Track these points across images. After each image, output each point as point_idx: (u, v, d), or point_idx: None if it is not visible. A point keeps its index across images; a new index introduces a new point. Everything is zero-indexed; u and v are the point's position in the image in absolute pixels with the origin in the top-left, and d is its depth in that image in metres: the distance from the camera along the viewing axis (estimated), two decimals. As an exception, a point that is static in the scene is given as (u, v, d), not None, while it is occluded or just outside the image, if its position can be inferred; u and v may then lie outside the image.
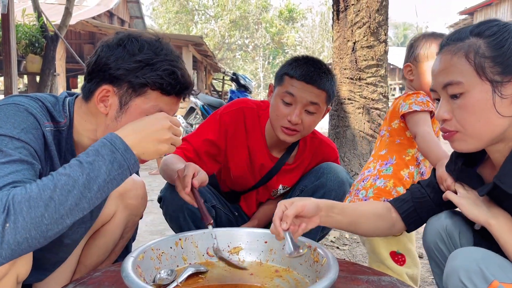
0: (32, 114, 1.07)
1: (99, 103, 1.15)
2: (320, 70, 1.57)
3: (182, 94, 1.20)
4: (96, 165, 0.95)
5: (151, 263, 1.16)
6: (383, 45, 4.09)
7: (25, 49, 7.52)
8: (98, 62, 1.15)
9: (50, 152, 1.12)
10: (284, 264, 1.28)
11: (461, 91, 1.00)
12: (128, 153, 1.00)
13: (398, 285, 1.17)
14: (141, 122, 1.08)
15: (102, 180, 0.96)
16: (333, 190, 1.67)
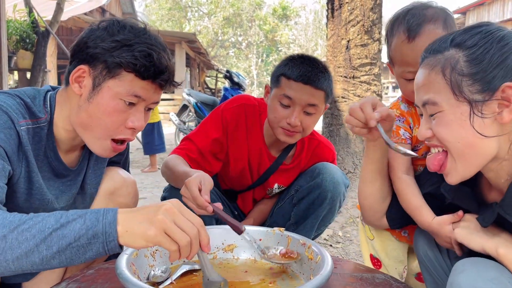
0: (6, 113, 1.03)
1: (74, 83, 1.11)
2: (317, 69, 1.55)
3: (159, 79, 1.11)
4: (71, 225, 0.83)
5: (145, 261, 1.15)
6: (377, 43, 4.11)
7: (15, 44, 7.44)
8: (79, 43, 1.12)
9: (25, 152, 1.08)
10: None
11: (438, 110, 0.93)
12: (111, 228, 0.83)
13: (391, 282, 1.18)
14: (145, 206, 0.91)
15: (66, 244, 0.82)
16: (329, 191, 1.67)
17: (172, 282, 1.10)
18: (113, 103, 1.09)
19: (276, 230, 1.32)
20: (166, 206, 0.86)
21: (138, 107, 1.13)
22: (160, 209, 0.85)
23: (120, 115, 1.11)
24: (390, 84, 26.83)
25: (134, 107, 1.12)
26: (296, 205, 1.76)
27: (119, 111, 1.10)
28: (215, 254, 1.32)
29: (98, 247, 0.84)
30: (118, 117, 1.11)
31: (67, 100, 1.15)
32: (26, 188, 1.12)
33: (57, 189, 1.24)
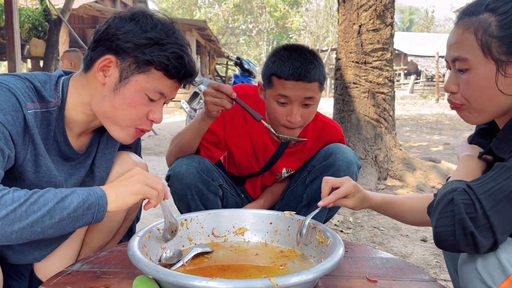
0: (14, 95, 1.04)
1: (99, 71, 1.12)
2: (306, 61, 1.51)
3: (185, 81, 1.19)
4: (69, 199, 0.96)
5: (157, 243, 1.16)
6: (389, 28, 4.04)
7: (28, 33, 7.49)
8: (107, 31, 1.12)
9: (32, 135, 1.09)
10: (289, 245, 1.29)
11: (467, 67, 1.03)
12: (102, 200, 1.00)
13: (403, 265, 1.18)
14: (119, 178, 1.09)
15: (67, 214, 0.96)
16: (342, 171, 1.66)
17: (183, 264, 1.11)
18: (138, 96, 1.14)
19: (287, 213, 1.33)
20: (136, 169, 1.08)
21: (159, 102, 1.19)
22: (133, 171, 1.07)
23: (144, 108, 1.16)
24: (402, 71, 26.51)
25: (156, 102, 1.18)
26: (309, 186, 1.76)
27: (143, 105, 1.16)
28: (226, 237, 1.33)
29: (88, 217, 0.99)
30: (142, 109, 1.16)
31: (87, 85, 1.17)
32: (34, 172, 1.14)
33: (66, 172, 1.25)
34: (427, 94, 22.47)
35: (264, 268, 1.16)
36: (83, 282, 1.01)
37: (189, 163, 1.63)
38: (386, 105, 4.12)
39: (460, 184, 0.95)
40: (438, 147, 6.59)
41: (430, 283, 1.06)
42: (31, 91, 1.10)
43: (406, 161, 4.15)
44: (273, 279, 0.84)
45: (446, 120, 11.37)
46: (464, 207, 0.89)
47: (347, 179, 1.30)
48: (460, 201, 0.90)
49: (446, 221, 0.91)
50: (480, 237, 0.88)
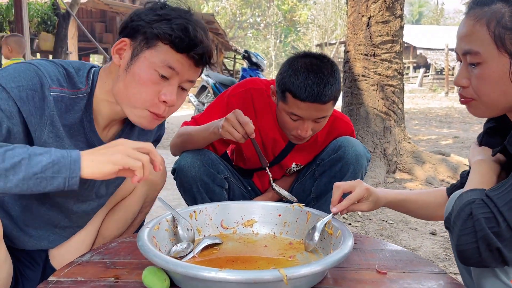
0: (39, 76, 1.06)
1: (115, 54, 1.15)
2: (322, 83, 1.48)
3: (192, 52, 1.13)
4: (39, 158, 0.92)
5: (166, 234, 1.17)
6: (399, 20, 4.00)
7: (37, 27, 7.54)
8: (125, 20, 1.17)
9: (51, 117, 1.10)
10: (298, 237, 1.29)
11: (479, 61, 0.98)
12: (75, 165, 0.93)
13: (412, 257, 1.17)
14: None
15: (33, 173, 0.91)
16: (351, 164, 1.65)
17: (194, 255, 1.11)
18: (147, 72, 1.11)
19: (296, 206, 1.33)
20: (121, 140, 1.01)
21: (172, 82, 1.14)
22: (117, 141, 1.01)
23: (154, 87, 1.13)
24: (411, 64, 26.27)
25: (168, 81, 1.14)
26: (318, 179, 1.75)
27: (153, 82, 1.12)
28: (234, 229, 1.33)
29: (60, 182, 0.93)
30: (151, 88, 1.12)
31: (110, 74, 1.19)
32: None
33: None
34: (436, 87, 22.25)
35: (273, 259, 1.16)
36: (93, 273, 1.02)
37: (194, 156, 1.63)
38: (395, 97, 4.09)
39: (477, 195, 0.91)
40: (447, 140, 6.53)
41: (440, 275, 1.06)
42: (61, 76, 1.13)
43: (415, 154, 4.12)
44: (282, 270, 0.84)
45: (456, 114, 11.26)
46: (485, 222, 0.85)
47: (358, 182, 1.26)
48: (481, 215, 0.86)
49: (468, 239, 0.87)
50: (507, 251, 0.85)
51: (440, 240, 2.51)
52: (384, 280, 1.02)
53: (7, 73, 1.04)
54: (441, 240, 2.52)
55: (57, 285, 0.95)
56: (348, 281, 1.02)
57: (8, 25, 8.10)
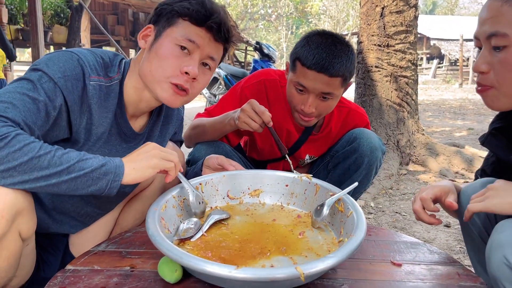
0: (81, 66, 1.12)
1: (141, 39, 1.24)
2: (333, 54, 1.45)
3: (210, 22, 1.18)
4: (90, 161, 1.00)
5: (173, 211, 1.16)
6: (413, 10, 3.94)
7: (50, 19, 7.60)
8: (151, 13, 1.25)
9: (89, 105, 1.15)
10: (306, 209, 1.26)
11: (506, 43, 0.93)
12: (120, 170, 1.03)
13: (427, 249, 1.16)
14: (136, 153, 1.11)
15: (84, 173, 0.98)
16: (366, 156, 1.63)
17: (203, 234, 1.10)
18: (169, 47, 1.17)
19: (304, 176, 1.30)
20: (151, 145, 1.11)
21: (193, 56, 1.19)
22: (149, 147, 1.10)
23: (176, 60, 1.18)
24: (424, 55, 25.90)
25: (189, 55, 1.19)
26: (331, 171, 1.74)
27: (174, 56, 1.17)
28: (241, 199, 1.31)
29: (103, 184, 1.00)
30: (173, 60, 1.17)
31: (137, 62, 1.25)
32: (85, 139, 1.19)
33: (114, 149, 1.29)
34: (450, 78, 21.94)
35: (283, 239, 1.11)
36: (109, 262, 1.03)
37: (208, 148, 1.63)
38: (409, 89, 4.04)
39: None
40: (461, 132, 6.45)
41: (455, 267, 1.05)
42: (99, 65, 1.18)
43: (429, 146, 4.08)
44: (299, 268, 0.83)
45: (470, 105, 11.10)
46: None
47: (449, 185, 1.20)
48: None
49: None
50: None
51: (454, 233, 2.49)
52: (400, 272, 1.02)
53: (52, 62, 1.08)
54: (455, 232, 2.50)
55: (74, 273, 0.96)
56: (363, 272, 1.01)
57: (22, 18, 8.17)
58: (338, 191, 1.20)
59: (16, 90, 1.00)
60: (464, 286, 0.96)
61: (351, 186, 1.21)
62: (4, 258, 0.98)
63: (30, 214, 1.03)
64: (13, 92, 1.00)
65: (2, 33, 5.37)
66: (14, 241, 0.99)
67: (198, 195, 1.21)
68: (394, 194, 3.31)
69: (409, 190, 3.38)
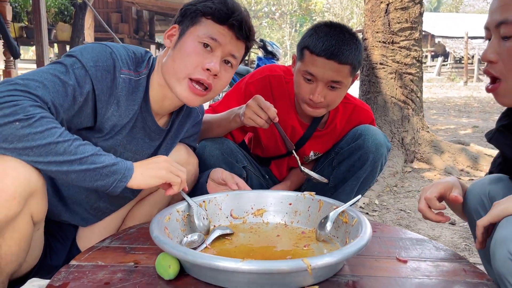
0: (113, 59, 1.17)
1: (166, 39, 1.27)
2: (342, 41, 1.46)
3: (232, 20, 1.22)
4: (103, 157, 1.03)
5: (177, 225, 1.16)
6: (418, 6, 3.91)
7: (54, 17, 7.61)
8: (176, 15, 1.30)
9: (118, 97, 1.20)
10: (310, 226, 1.26)
11: None
12: (129, 172, 1.06)
13: (433, 246, 1.15)
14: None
15: (94, 167, 1.00)
16: (371, 153, 1.62)
17: (207, 246, 1.10)
18: (192, 44, 1.21)
19: (307, 194, 1.30)
20: (162, 157, 1.16)
21: (215, 53, 1.22)
22: (161, 159, 1.14)
23: (198, 57, 1.21)
24: (429, 53, 25.77)
25: (212, 53, 1.22)
26: (336, 168, 1.73)
27: (197, 53, 1.21)
28: (244, 219, 1.31)
29: (109, 181, 1.03)
30: (195, 57, 1.21)
31: (162, 59, 1.28)
32: (109, 129, 1.22)
33: (137, 142, 1.32)
34: (455, 76, 21.83)
35: (288, 251, 1.12)
36: (113, 257, 1.03)
37: (212, 145, 1.63)
38: (414, 86, 4.02)
39: None
40: (466, 130, 6.42)
41: (462, 264, 1.04)
42: (130, 60, 1.23)
43: (433, 143, 4.06)
44: (305, 259, 0.83)
45: (475, 103, 11.05)
46: None
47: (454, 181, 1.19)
48: None
49: None
50: None
51: (460, 230, 2.47)
52: (405, 268, 1.01)
53: (86, 51, 1.13)
54: (460, 230, 2.48)
55: (78, 269, 0.96)
56: (368, 269, 1.00)
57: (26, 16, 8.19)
58: (341, 205, 1.20)
59: (49, 71, 1.04)
60: (471, 282, 0.95)
61: (355, 199, 1.22)
62: (15, 241, 0.99)
63: (43, 197, 1.05)
64: (46, 72, 1.03)
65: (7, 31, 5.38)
66: (26, 223, 1.01)
67: (202, 212, 1.21)
68: (399, 192, 3.29)
69: (413, 188, 3.37)
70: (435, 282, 0.94)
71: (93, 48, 1.15)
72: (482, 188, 1.19)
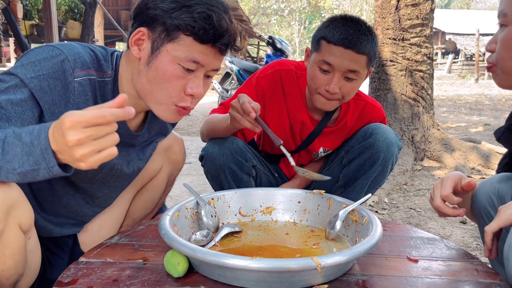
0: (60, 62, 1.01)
1: (133, 45, 1.08)
2: (359, 31, 1.46)
3: (219, 43, 1.05)
4: (13, 150, 0.82)
5: (186, 222, 1.16)
6: (429, 2, 3.87)
7: (65, 15, 7.66)
8: (140, 4, 1.09)
9: (77, 103, 1.04)
10: (319, 224, 1.25)
11: (505, 23, 0.95)
12: (48, 154, 0.80)
13: (444, 245, 1.13)
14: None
15: (12, 168, 0.83)
16: (382, 152, 1.60)
17: (215, 243, 1.10)
18: (171, 68, 1.06)
19: (316, 192, 1.29)
20: (66, 128, 0.77)
21: (197, 74, 1.09)
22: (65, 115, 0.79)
23: (179, 81, 1.07)
24: (439, 50, 25.53)
25: (193, 73, 1.09)
26: (346, 166, 1.71)
27: (178, 77, 1.07)
28: (253, 217, 1.31)
29: (44, 172, 0.83)
30: (177, 82, 1.07)
31: (129, 62, 1.14)
32: None
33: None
34: (466, 74, 21.60)
35: (297, 249, 1.12)
36: (122, 254, 1.02)
37: (222, 143, 1.62)
38: (424, 83, 3.98)
39: None
40: (477, 128, 6.35)
41: (474, 264, 1.02)
42: (88, 58, 1.08)
43: (444, 141, 4.02)
44: (315, 258, 0.82)
45: (486, 101, 10.92)
46: None
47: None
48: None
49: None
50: None
51: (471, 229, 2.45)
52: (416, 268, 1.00)
53: (28, 61, 0.99)
54: (471, 229, 2.45)
55: (87, 265, 0.96)
56: (378, 268, 0.99)
57: (37, 14, 8.26)
58: (351, 203, 1.19)
59: None
60: (484, 283, 0.93)
61: (365, 198, 1.20)
62: (9, 256, 0.94)
63: (25, 204, 0.96)
64: None
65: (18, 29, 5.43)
66: (15, 236, 0.95)
67: (211, 209, 1.20)
68: (409, 190, 3.26)
69: (424, 186, 3.34)
70: (447, 282, 0.93)
71: (36, 55, 1.00)
72: (491, 186, 1.17)
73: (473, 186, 1.13)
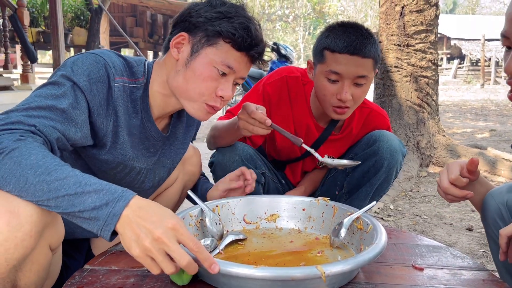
0: (105, 68, 1.11)
1: (173, 48, 1.19)
2: (361, 36, 1.46)
3: (253, 52, 1.19)
4: (83, 197, 0.84)
5: (190, 230, 1.15)
6: (434, 8, 3.87)
7: (71, 22, 7.73)
8: (182, 13, 1.21)
9: (115, 107, 1.15)
10: (324, 232, 1.25)
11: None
12: (112, 220, 0.83)
13: (450, 253, 1.13)
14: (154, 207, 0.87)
15: (70, 210, 0.85)
16: (386, 159, 1.60)
17: (220, 251, 1.10)
18: (207, 69, 1.16)
19: (321, 200, 1.29)
20: (166, 227, 0.83)
21: (228, 78, 1.20)
22: (167, 219, 0.84)
23: (213, 82, 1.18)
24: (444, 55, 25.48)
25: (225, 77, 1.19)
26: (350, 174, 1.71)
27: (212, 78, 1.17)
28: (257, 224, 1.30)
29: (93, 227, 0.85)
30: (210, 83, 1.18)
31: (164, 66, 1.23)
32: (112, 142, 1.18)
33: (139, 152, 1.28)
34: (471, 79, 21.52)
35: (302, 256, 1.11)
36: (127, 262, 1.03)
37: (232, 151, 1.62)
38: (429, 89, 3.97)
39: None
40: (483, 133, 6.31)
41: (480, 272, 1.01)
42: (122, 66, 1.18)
43: (450, 147, 4.00)
44: (320, 266, 0.82)
45: (492, 106, 10.86)
46: None
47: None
48: None
49: None
50: None
51: (477, 236, 2.43)
52: (421, 276, 0.99)
53: (77, 66, 1.08)
54: (478, 236, 2.43)
55: (92, 273, 0.96)
56: (383, 276, 0.99)
57: (43, 20, 8.34)
58: (356, 211, 1.18)
59: (41, 95, 1.00)
60: (490, 292, 0.92)
61: (369, 205, 1.20)
62: (34, 272, 0.97)
63: (58, 224, 1.01)
64: (38, 96, 0.99)
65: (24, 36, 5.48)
66: (44, 254, 0.98)
67: (215, 217, 1.21)
68: (414, 197, 3.25)
69: (429, 193, 3.32)
70: (453, 291, 0.92)
71: (83, 61, 1.09)
72: (500, 197, 1.16)
73: (476, 162, 1.13)
